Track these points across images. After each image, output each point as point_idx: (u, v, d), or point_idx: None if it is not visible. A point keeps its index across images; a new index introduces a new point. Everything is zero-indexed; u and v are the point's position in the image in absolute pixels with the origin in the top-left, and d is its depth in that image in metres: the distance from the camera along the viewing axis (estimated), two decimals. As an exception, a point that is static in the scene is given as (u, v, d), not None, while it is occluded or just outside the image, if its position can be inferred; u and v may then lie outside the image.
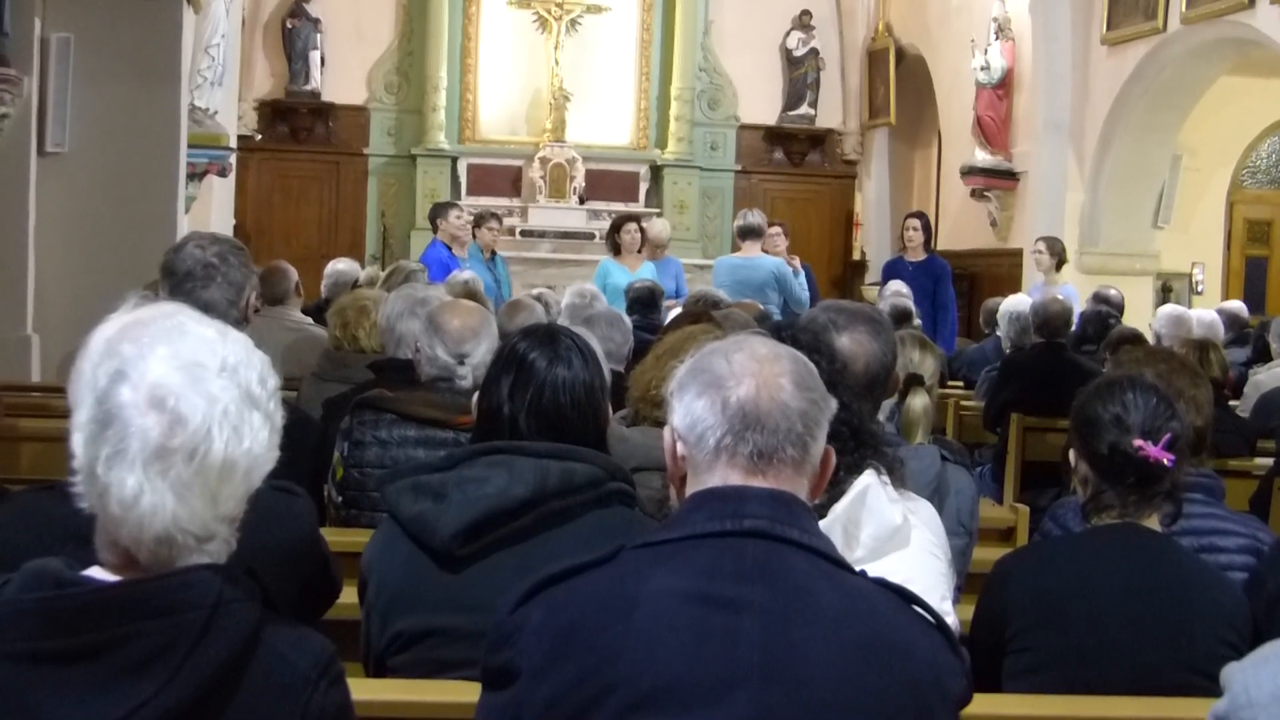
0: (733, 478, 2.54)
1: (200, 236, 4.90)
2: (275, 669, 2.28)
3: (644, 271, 12.58)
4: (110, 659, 2.15)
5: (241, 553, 2.37)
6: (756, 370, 2.56)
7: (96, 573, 2.25)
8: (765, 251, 12.90)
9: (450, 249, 12.85)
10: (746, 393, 2.54)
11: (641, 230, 13.32)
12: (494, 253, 13.73)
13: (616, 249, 13.20)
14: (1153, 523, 3.87)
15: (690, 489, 2.60)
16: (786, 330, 3.51)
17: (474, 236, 13.41)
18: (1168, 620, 3.71)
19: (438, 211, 13.37)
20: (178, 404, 2.18)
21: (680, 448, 2.61)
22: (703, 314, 7.16)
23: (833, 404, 2.65)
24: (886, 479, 3.38)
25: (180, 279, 4.70)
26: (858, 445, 3.36)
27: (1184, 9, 14.12)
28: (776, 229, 14.17)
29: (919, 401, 4.73)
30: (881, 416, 4.30)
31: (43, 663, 2.15)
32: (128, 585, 2.20)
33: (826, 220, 21.61)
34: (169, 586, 2.19)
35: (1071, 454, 4.03)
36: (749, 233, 12.74)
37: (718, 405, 2.54)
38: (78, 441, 2.21)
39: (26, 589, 2.19)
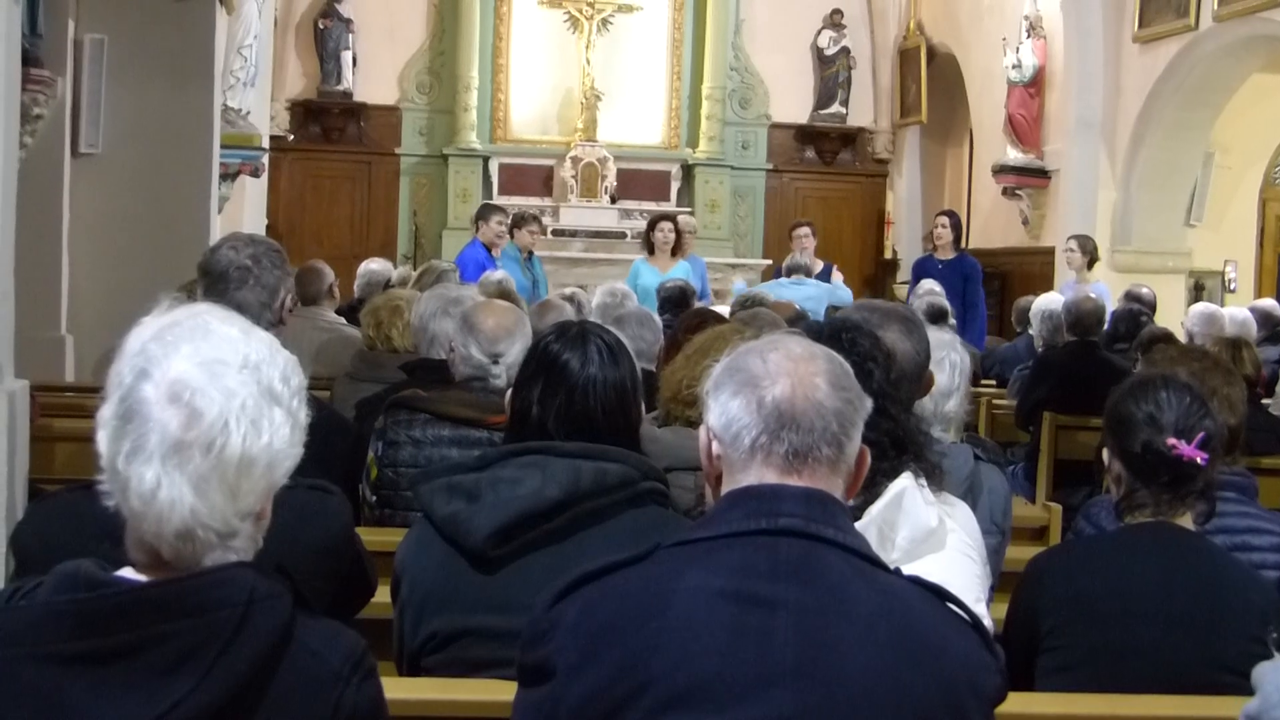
0: (768, 476, 2.55)
1: (237, 238, 4.93)
2: (308, 665, 2.30)
3: (676, 272, 12.58)
4: (144, 659, 2.17)
5: (277, 551, 2.39)
6: (792, 369, 2.57)
7: (128, 573, 2.27)
8: (792, 251, 13.05)
9: (489, 250, 12.87)
10: (782, 392, 2.54)
11: (677, 231, 13.35)
12: (531, 253, 13.72)
13: (651, 248, 13.23)
14: (1186, 521, 3.87)
15: (726, 488, 2.60)
16: (847, 333, 3.49)
17: (512, 237, 13.41)
18: (1200, 619, 3.71)
19: (483, 213, 13.34)
20: (194, 397, 2.20)
21: (716, 447, 2.61)
22: (710, 314, 7.14)
23: (868, 403, 2.66)
24: (924, 481, 3.38)
25: (214, 280, 4.74)
26: (899, 453, 3.36)
27: (1216, 6, 14.08)
28: (805, 229, 14.19)
29: (957, 403, 4.74)
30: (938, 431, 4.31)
31: (77, 664, 2.16)
32: (160, 585, 2.21)
33: (858, 219, 21.57)
34: (201, 585, 2.20)
35: (1105, 453, 4.02)
36: (796, 270, 12.83)
37: (753, 404, 2.55)
38: (102, 438, 2.24)
39: (59, 591, 2.21)
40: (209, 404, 2.20)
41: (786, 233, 15.54)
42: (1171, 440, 3.80)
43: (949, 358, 4.68)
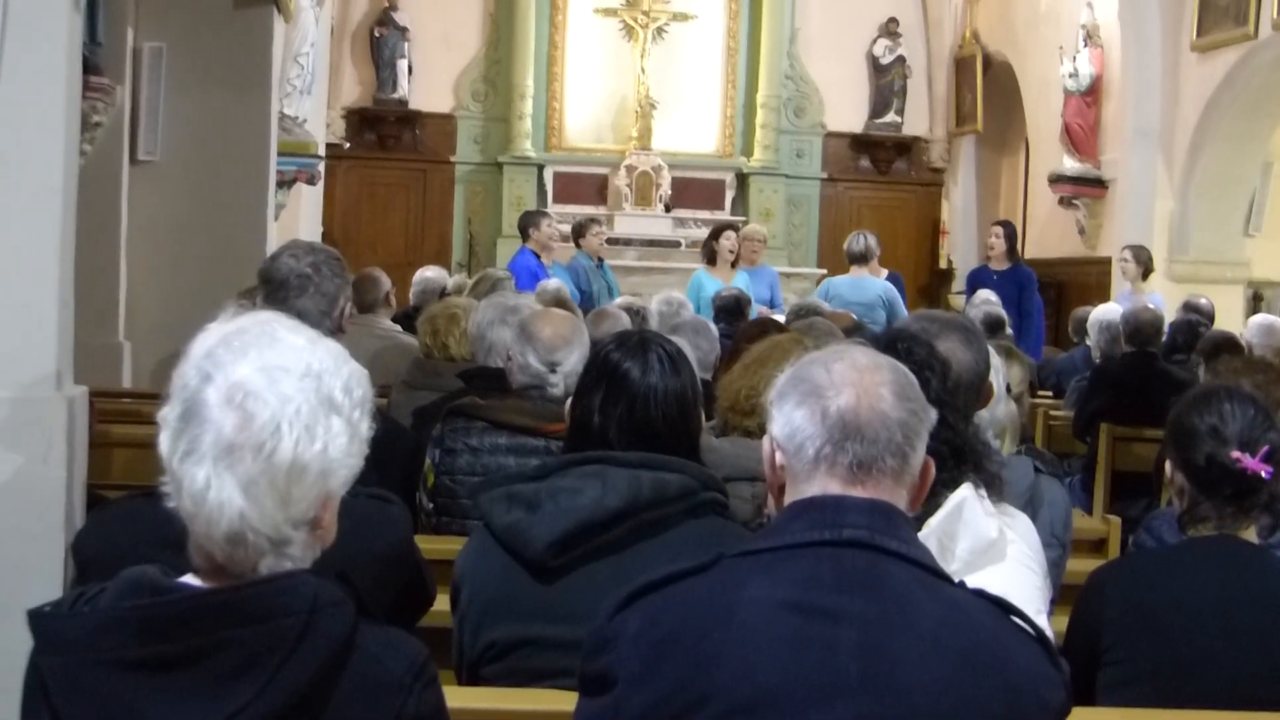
0: (832, 487, 2.54)
1: (297, 246, 4.94)
2: (370, 672, 2.30)
3: (737, 281, 12.52)
4: (208, 665, 2.18)
5: (337, 559, 2.39)
6: (856, 380, 2.56)
7: (191, 579, 2.28)
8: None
9: (539, 257, 12.86)
10: (846, 402, 2.53)
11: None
12: (601, 260, 13.68)
13: (711, 258, 13.09)
14: (1250, 534, 3.84)
15: (789, 498, 2.59)
16: (902, 342, 3.47)
17: (579, 246, 13.40)
18: (1265, 632, 3.68)
19: (528, 220, 13.35)
20: (247, 400, 2.22)
21: (779, 457, 2.60)
22: (770, 323, 7.14)
23: (932, 414, 2.65)
24: (984, 492, 3.35)
25: (275, 287, 4.75)
26: (958, 464, 3.34)
27: (1275, 15, 13.94)
28: None
29: (1005, 410, 4.71)
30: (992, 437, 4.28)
31: (141, 669, 2.18)
32: (224, 591, 2.22)
33: (913, 228, 21.49)
34: (265, 592, 2.21)
35: (1167, 465, 3.99)
36: (859, 258, 12.73)
37: (817, 414, 2.54)
38: (163, 438, 2.26)
39: (123, 597, 2.22)
40: (262, 407, 2.22)
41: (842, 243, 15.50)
42: (1235, 453, 3.77)
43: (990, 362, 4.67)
